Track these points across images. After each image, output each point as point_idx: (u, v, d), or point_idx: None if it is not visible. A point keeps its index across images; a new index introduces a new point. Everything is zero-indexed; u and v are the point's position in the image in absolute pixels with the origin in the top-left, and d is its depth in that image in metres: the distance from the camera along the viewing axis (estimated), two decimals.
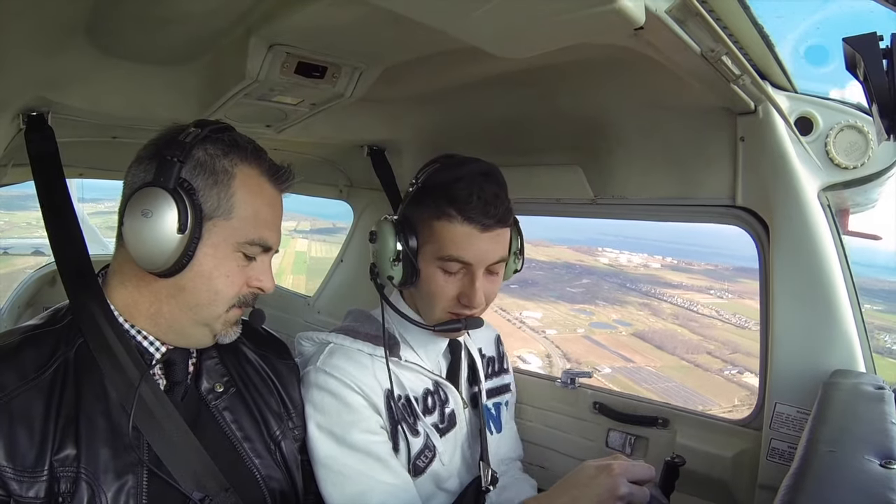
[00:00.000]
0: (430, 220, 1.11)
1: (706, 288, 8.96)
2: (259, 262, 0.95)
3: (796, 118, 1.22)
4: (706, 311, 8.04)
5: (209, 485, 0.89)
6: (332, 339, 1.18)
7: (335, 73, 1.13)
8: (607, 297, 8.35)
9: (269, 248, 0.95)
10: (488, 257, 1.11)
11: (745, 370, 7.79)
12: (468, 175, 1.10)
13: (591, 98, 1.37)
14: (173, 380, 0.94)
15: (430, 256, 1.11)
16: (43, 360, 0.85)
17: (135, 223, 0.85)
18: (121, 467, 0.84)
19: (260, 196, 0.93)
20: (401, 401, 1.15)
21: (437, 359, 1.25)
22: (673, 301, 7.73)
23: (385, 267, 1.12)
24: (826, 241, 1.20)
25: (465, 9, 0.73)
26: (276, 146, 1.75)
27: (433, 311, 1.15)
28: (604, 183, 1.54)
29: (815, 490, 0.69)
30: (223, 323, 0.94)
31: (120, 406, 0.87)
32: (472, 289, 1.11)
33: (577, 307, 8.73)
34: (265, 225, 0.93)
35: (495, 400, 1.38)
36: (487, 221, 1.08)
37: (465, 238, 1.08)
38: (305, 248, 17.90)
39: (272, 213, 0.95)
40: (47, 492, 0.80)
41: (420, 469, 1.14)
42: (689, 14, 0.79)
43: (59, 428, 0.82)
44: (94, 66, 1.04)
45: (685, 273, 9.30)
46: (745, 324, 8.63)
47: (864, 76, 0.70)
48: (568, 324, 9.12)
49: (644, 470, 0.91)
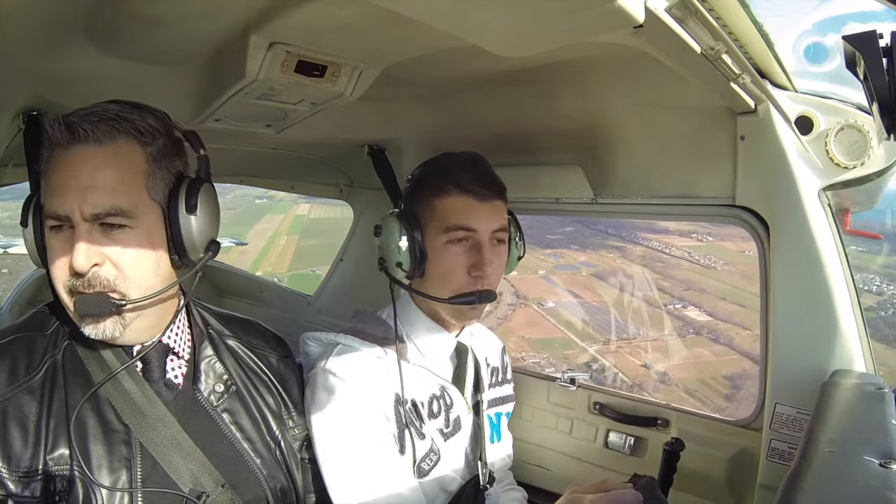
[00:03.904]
0: (431, 200, 1.16)
1: (689, 232, 8.98)
2: (63, 238, 0.84)
3: (796, 117, 1.22)
4: (679, 253, 8.09)
5: (205, 481, 0.90)
6: (341, 340, 1.17)
7: (335, 72, 1.13)
8: (584, 242, 8.46)
9: (62, 216, 0.82)
10: (491, 224, 1.15)
11: (690, 304, 7.88)
12: (458, 158, 1.20)
13: (592, 97, 1.37)
14: (150, 378, 0.93)
15: (436, 233, 1.15)
16: (33, 362, 0.86)
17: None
18: (114, 464, 0.85)
19: (54, 166, 0.84)
20: (407, 405, 1.14)
21: (444, 362, 1.25)
22: (648, 245, 7.78)
23: (393, 256, 1.14)
24: (826, 241, 1.20)
25: (466, 8, 0.73)
26: (276, 146, 1.75)
27: (446, 290, 1.15)
28: (604, 183, 1.54)
29: (815, 490, 0.69)
30: (79, 318, 0.86)
31: (108, 403, 0.88)
32: (480, 256, 1.13)
33: (548, 251, 8.83)
34: (52, 192, 0.83)
35: (497, 410, 1.38)
36: (483, 192, 1.15)
37: (466, 207, 1.14)
38: (306, 211, 17.98)
39: (64, 175, 0.83)
40: (43, 491, 0.81)
41: (425, 472, 1.14)
42: (688, 12, 0.79)
43: (51, 428, 0.83)
44: (94, 66, 1.03)
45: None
46: (713, 264, 8.69)
47: (863, 74, 0.70)
48: (531, 266, 9.20)
49: (628, 498, 0.88)
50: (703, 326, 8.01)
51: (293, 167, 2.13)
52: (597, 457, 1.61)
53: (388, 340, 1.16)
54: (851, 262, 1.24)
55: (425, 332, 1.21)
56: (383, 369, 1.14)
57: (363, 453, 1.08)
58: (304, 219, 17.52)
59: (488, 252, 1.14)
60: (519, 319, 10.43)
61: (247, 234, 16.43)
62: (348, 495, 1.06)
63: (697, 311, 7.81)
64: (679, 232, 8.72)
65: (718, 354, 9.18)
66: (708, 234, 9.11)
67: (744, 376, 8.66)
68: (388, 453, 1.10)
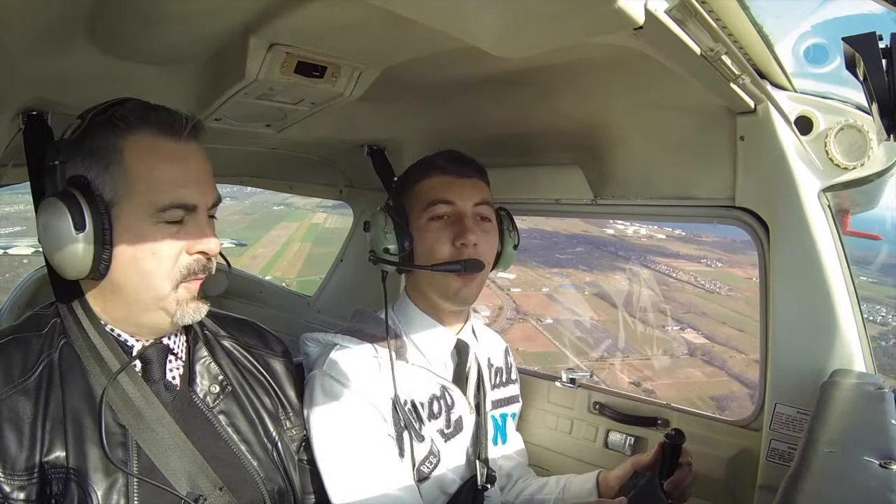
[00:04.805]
0: (413, 186, 1.23)
1: (699, 257, 9.04)
2: (190, 226, 0.89)
3: (796, 118, 1.22)
4: (685, 276, 8.14)
5: (202, 484, 0.89)
6: (338, 341, 1.17)
7: (335, 72, 1.13)
8: (593, 263, 8.53)
9: (192, 206, 0.88)
10: (471, 198, 1.19)
11: (688, 326, 7.95)
12: (439, 152, 1.26)
13: (591, 98, 1.37)
14: (150, 378, 0.93)
15: (419, 214, 1.19)
16: (28, 363, 0.85)
17: (42, 240, 0.85)
18: (110, 466, 0.84)
19: (157, 157, 0.87)
20: (406, 405, 1.14)
21: (444, 361, 1.25)
22: (656, 268, 7.83)
23: (380, 243, 1.17)
24: (826, 242, 1.20)
25: (465, 9, 0.73)
26: (276, 146, 1.75)
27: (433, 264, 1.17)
28: (604, 183, 1.54)
29: (815, 490, 0.69)
30: (175, 302, 0.90)
31: (106, 404, 0.87)
32: (462, 226, 1.16)
33: (555, 270, 8.92)
34: (174, 184, 0.87)
35: (503, 411, 1.38)
36: (461, 169, 1.21)
37: (444, 184, 1.19)
38: (321, 220, 18.16)
39: (179, 168, 0.88)
40: (38, 494, 0.80)
41: (424, 475, 1.14)
42: (688, 14, 0.79)
43: (47, 430, 0.82)
44: (94, 66, 1.03)
45: (693, 244, 9.36)
46: (717, 289, 8.76)
47: (863, 76, 0.70)
48: (536, 284, 9.33)
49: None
50: (698, 348, 8.04)
51: (293, 167, 2.13)
52: (597, 457, 1.60)
53: (386, 340, 1.16)
54: (858, 291, 1.23)
55: (424, 329, 1.21)
56: (380, 370, 1.14)
57: (362, 456, 1.08)
58: (319, 227, 17.67)
59: (470, 221, 1.17)
60: (516, 333, 10.51)
61: (262, 239, 16.49)
62: (347, 497, 1.06)
63: (695, 334, 7.87)
64: (689, 256, 8.79)
65: (709, 375, 9.17)
66: (718, 259, 9.17)
67: (730, 398, 8.65)
68: (387, 455, 1.10)
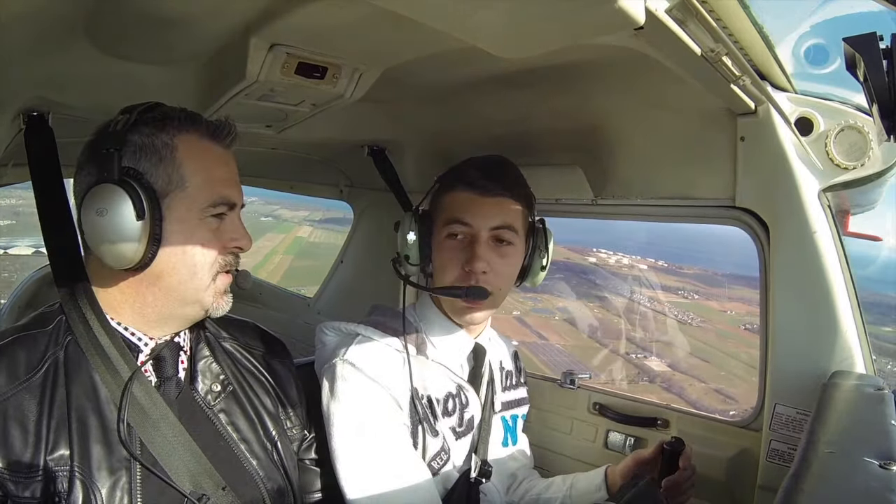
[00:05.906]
0: (441, 196, 1.20)
1: (676, 288, 9.11)
2: (229, 223, 0.95)
3: (796, 119, 1.22)
4: (659, 307, 8.21)
5: (206, 483, 0.89)
6: (361, 331, 1.17)
7: (335, 73, 1.13)
8: (568, 290, 8.58)
9: (234, 204, 0.95)
10: (488, 221, 1.14)
11: (653, 355, 8.04)
12: (477, 158, 1.21)
13: (592, 98, 1.37)
14: (163, 375, 0.94)
15: (441, 226, 1.17)
16: (33, 361, 0.85)
17: (94, 226, 0.84)
18: (114, 464, 0.84)
19: (208, 158, 0.93)
20: (423, 400, 1.14)
21: (460, 362, 1.25)
22: (629, 297, 7.89)
23: (402, 248, 1.17)
24: (826, 242, 1.20)
25: (466, 9, 0.73)
26: (276, 146, 1.75)
27: (443, 283, 1.16)
28: (604, 183, 1.54)
29: (815, 491, 0.69)
30: (213, 294, 0.94)
31: (111, 403, 0.87)
32: (472, 251, 1.13)
33: (529, 296, 8.98)
34: (222, 183, 0.93)
35: (513, 412, 1.39)
36: (488, 186, 1.14)
37: (466, 202, 1.15)
38: (306, 234, 18.18)
39: (226, 170, 0.95)
40: (43, 492, 0.80)
41: (434, 471, 1.14)
42: (689, 14, 0.79)
43: (52, 428, 0.82)
44: (94, 66, 1.03)
45: (673, 276, 9.45)
46: (690, 320, 8.84)
47: (863, 76, 0.70)
48: (508, 308, 9.36)
49: None
50: (658, 376, 8.11)
51: (293, 168, 2.13)
52: (597, 457, 1.60)
53: (408, 335, 1.17)
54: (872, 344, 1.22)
55: (444, 331, 1.21)
56: (402, 363, 1.14)
57: (382, 443, 1.08)
58: (302, 241, 17.68)
59: (481, 248, 1.13)
60: None
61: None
62: (364, 485, 1.06)
63: (658, 362, 7.97)
64: (665, 287, 8.85)
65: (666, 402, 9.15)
66: (695, 292, 9.24)
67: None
68: (404, 447, 1.10)
